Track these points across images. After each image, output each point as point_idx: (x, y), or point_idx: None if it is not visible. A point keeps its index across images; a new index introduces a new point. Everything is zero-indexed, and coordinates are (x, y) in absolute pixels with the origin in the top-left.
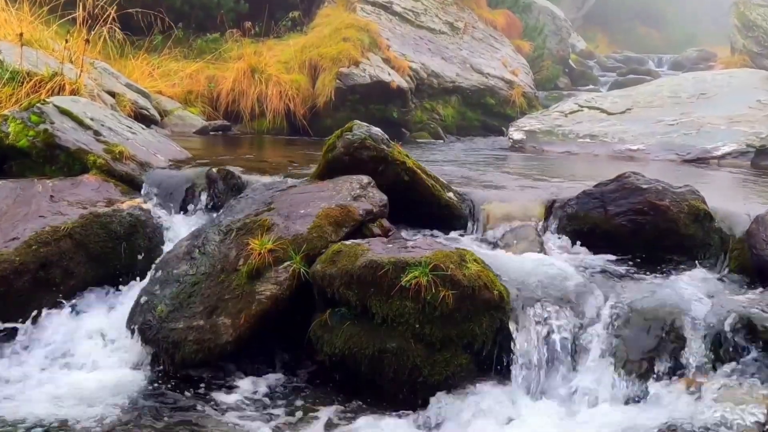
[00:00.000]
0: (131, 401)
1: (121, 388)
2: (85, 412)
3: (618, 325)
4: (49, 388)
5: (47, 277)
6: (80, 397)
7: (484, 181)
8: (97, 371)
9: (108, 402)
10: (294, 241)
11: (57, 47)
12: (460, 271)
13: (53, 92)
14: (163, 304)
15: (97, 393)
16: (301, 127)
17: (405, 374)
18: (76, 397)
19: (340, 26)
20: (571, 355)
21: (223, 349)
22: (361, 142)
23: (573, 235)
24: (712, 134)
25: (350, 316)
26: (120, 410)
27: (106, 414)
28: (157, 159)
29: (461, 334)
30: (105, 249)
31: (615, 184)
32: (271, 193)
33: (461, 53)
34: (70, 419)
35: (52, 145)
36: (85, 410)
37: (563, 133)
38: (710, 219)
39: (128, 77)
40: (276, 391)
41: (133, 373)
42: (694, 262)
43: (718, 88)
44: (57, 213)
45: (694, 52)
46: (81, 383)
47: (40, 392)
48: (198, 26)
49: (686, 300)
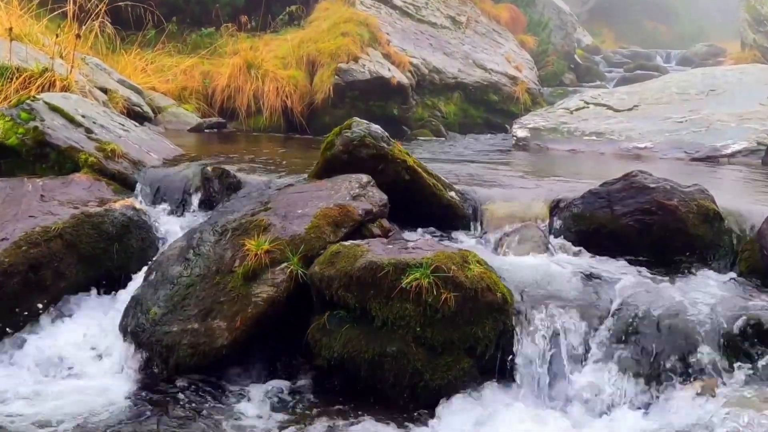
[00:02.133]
0: (123, 408)
1: (113, 394)
2: (74, 420)
3: (626, 329)
4: (38, 395)
5: (37, 278)
6: (69, 403)
7: (486, 180)
8: (88, 376)
9: (98, 409)
10: (291, 242)
11: (47, 42)
12: (462, 272)
13: (43, 88)
14: (157, 307)
15: (87, 399)
16: (299, 125)
17: (406, 379)
18: (65, 404)
19: (339, 20)
20: (577, 360)
21: (219, 353)
22: (360, 140)
23: (578, 236)
24: (722, 132)
25: (349, 319)
26: (111, 417)
27: (96, 421)
28: (151, 157)
29: (464, 337)
30: (97, 250)
31: (622, 183)
32: (267, 192)
33: (463, 48)
34: (58, 427)
35: (42, 143)
36: (74, 417)
37: (568, 130)
38: (720, 219)
39: (121, 73)
40: (273, 397)
41: (125, 378)
42: (703, 264)
43: (728, 84)
44: (47, 213)
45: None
46: (71, 389)
47: (27, 399)
48: (193, 20)
49: (696, 302)
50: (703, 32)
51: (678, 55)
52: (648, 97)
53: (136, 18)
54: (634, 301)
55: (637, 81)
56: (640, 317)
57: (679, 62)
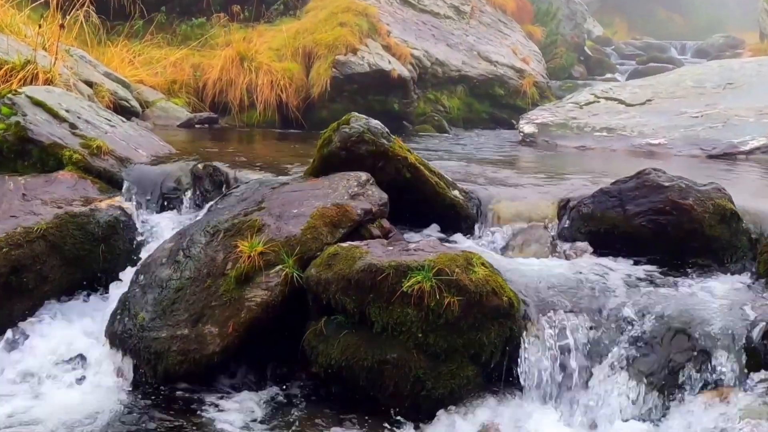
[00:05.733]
0: (108, 418)
1: (98, 404)
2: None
3: (638, 335)
4: (18, 405)
5: (19, 282)
6: (50, 414)
7: (492, 178)
8: (71, 385)
9: (82, 420)
10: (286, 243)
11: (30, 33)
12: (466, 275)
13: (25, 82)
14: (145, 312)
15: (70, 410)
16: (295, 120)
17: (407, 387)
18: (46, 415)
19: (337, 10)
20: (587, 367)
21: (210, 360)
22: (359, 136)
23: (588, 237)
24: (740, 127)
25: (347, 325)
26: (96, 428)
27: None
28: (139, 154)
29: (468, 343)
30: (82, 251)
31: (634, 181)
32: (261, 190)
33: (468, 39)
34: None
35: (24, 139)
36: (58, 429)
37: (578, 126)
38: (738, 219)
39: (107, 65)
40: (267, 406)
41: (110, 387)
42: (720, 266)
43: (746, 77)
44: (30, 213)
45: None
46: (53, 398)
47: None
48: (182, 10)
49: (712, 307)
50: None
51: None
52: (662, 90)
53: (123, 7)
54: (647, 305)
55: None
56: (653, 322)
57: (694, 54)
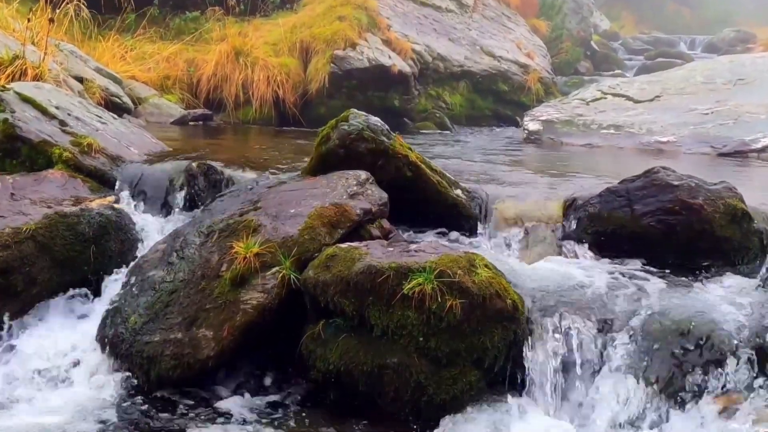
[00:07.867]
0: (98, 427)
1: (89, 411)
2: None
3: (646, 339)
4: (3, 412)
5: (7, 284)
6: (40, 422)
7: (495, 177)
8: (61, 391)
9: (70, 428)
10: (283, 244)
11: (18, 27)
12: (469, 277)
13: (14, 77)
14: (137, 315)
15: (59, 417)
16: (292, 117)
17: (407, 393)
18: (33, 421)
19: (335, 4)
20: (593, 372)
21: (204, 364)
22: (358, 133)
23: (595, 237)
24: (752, 124)
25: (346, 328)
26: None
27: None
28: (131, 152)
29: (470, 347)
30: (72, 253)
31: (642, 180)
32: (257, 190)
33: (470, 34)
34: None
35: (12, 137)
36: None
37: (584, 123)
38: (749, 219)
39: (98, 60)
40: (263, 413)
41: (102, 393)
42: (730, 267)
43: (758, 72)
44: (18, 213)
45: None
46: (42, 405)
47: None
48: (176, 3)
49: (722, 310)
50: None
51: (703, 41)
52: (671, 86)
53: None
54: (655, 308)
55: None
56: (661, 326)
57: (704, 49)
